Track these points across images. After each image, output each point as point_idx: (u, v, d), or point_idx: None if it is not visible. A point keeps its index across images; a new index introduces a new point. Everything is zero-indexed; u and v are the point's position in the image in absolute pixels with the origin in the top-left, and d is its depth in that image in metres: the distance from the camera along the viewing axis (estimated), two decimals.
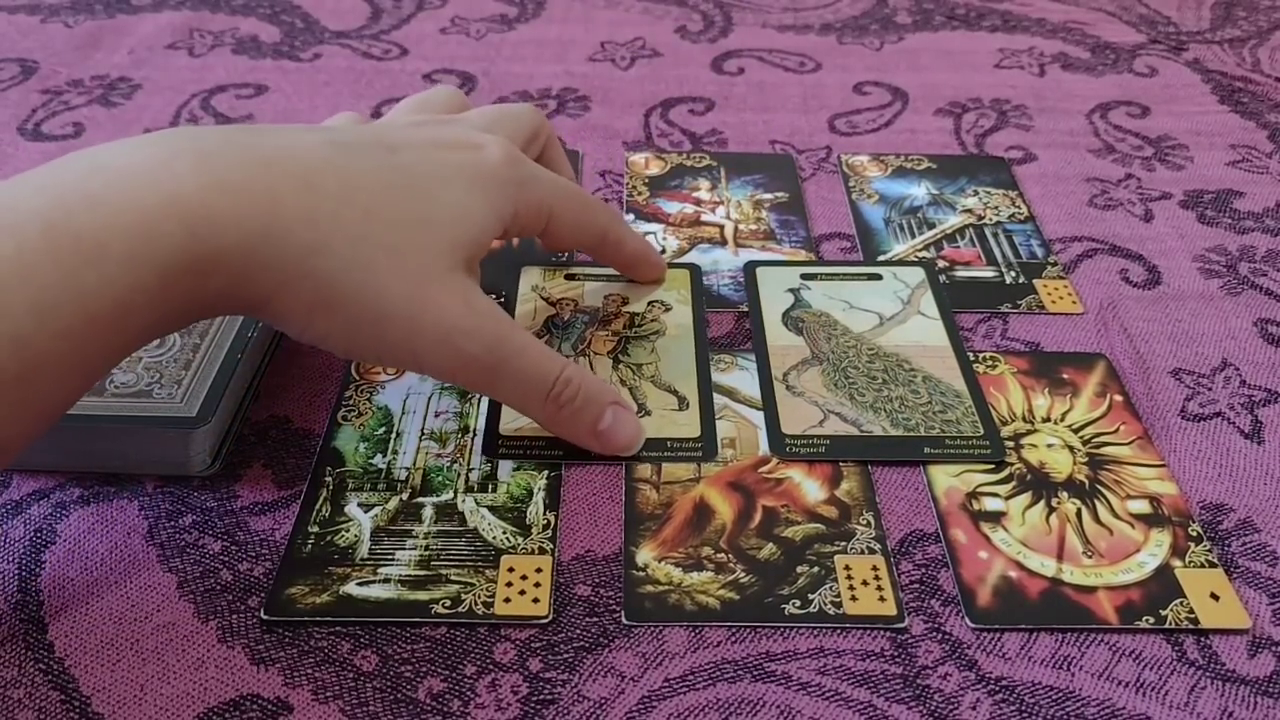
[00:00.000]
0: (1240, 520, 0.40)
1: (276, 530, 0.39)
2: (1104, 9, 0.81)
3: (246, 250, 0.32)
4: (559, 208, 0.42)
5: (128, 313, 0.31)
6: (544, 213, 0.41)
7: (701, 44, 0.75)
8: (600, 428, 0.40)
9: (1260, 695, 0.34)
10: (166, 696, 0.33)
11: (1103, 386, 0.45)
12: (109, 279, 0.30)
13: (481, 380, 0.38)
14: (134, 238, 0.30)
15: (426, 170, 0.37)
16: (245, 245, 0.32)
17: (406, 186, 0.36)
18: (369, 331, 0.35)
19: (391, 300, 0.34)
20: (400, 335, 0.35)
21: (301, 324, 0.35)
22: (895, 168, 0.60)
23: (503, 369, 0.37)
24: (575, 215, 0.43)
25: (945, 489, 0.40)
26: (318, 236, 0.33)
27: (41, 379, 0.29)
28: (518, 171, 0.40)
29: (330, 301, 0.34)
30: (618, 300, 0.49)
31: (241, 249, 0.32)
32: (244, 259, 0.32)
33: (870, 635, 0.35)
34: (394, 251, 0.35)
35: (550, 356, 0.39)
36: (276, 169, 0.33)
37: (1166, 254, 0.54)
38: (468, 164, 0.38)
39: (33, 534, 0.38)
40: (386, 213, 0.35)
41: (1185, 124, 0.65)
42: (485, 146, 0.39)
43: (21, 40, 0.74)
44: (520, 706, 0.33)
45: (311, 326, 0.35)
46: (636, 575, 0.37)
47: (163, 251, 0.31)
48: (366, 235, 0.34)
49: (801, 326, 0.48)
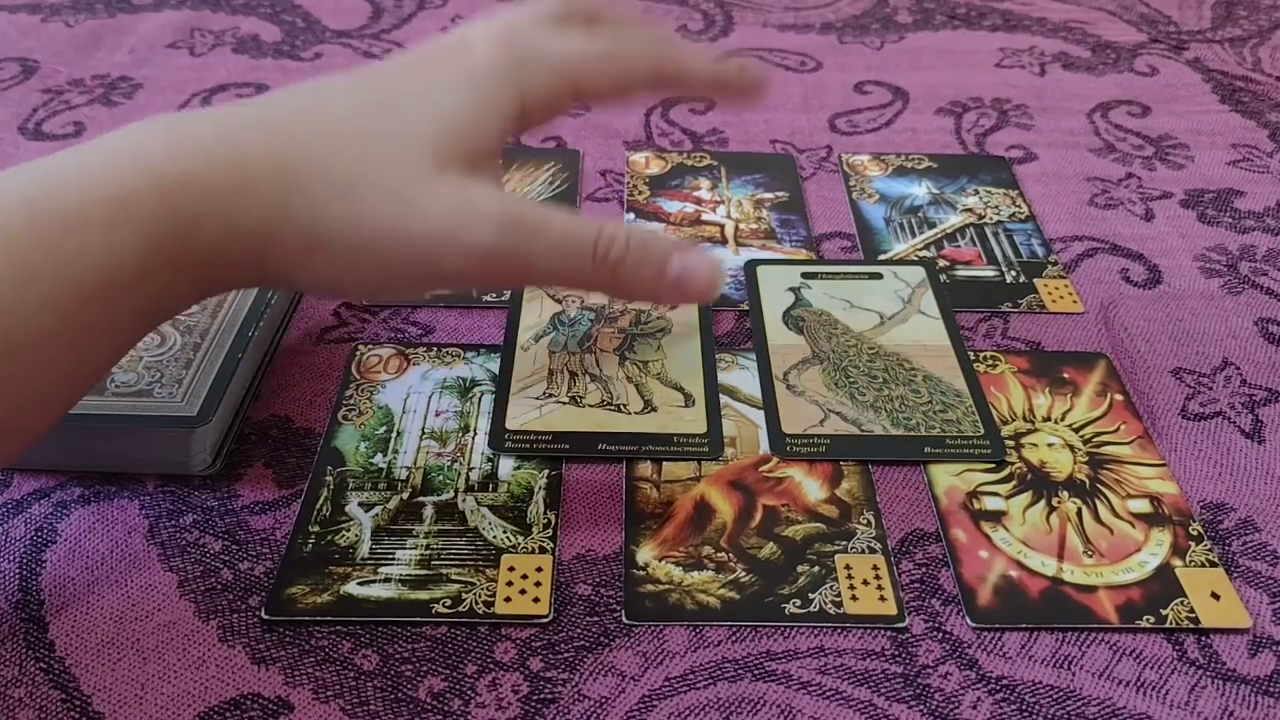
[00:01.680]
0: (1241, 520, 0.40)
1: (277, 530, 0.39)
2: (1105, 8, 0.81)
3: (221, 208, 0.32)
4: (580, 72, 0.38)
5: (112, 283, 0.30)
6: (565, 83, 0.37)
7: (702, 43, 0.75)
8: (671, 275, 0.35)
9: (1261, 695, 0.34)
10: (167, 696, 0.33)
11: (1103, 386, 0.45)
12: (88, 246, 0.30)
13: (511, 269, 0.35)
14: (110, 204, 0.30)
15: (404, 85, 0.36)
16: (219, 203, 0.32)
17: (380, 104, 0.35)
18: (370, 261, 0.34)
19: (378, 220, 0.33)
20: (400, 253, 0.34)
21: (305, 273, 0.34)
22: (896, 167, 0.60)
23: (528, 249, 0.34)
24: (606, 71, 0.38)
25: (946, 488, 0.40)
26: (289, 179, 0.33)
27: (29, 355, 0.29)
28: (512, 53, 0.36)
29: (319, 240, 0.33)
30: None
31: (216, 207, 0.32)
32: (220, 218, 0.32)
33: (871, 635, 0.35)
34: (371, 172, 0.33)
35: (582, 221, 0.35)
36: (245, 126, 0.33)
37: (1167, 253, 0.54)
38: (450, 67, 0.36)
39: (33, 533, 0.38)
40: (359, 138, 0.34)
41: (1186, 123, 0.65)
42: (472, 44, 0.37)
43: (22, 40, 0.74)
44: (521, 706, 0.33)
45: (314, 272, 0.34)
46: (637, 574, 0.37)
47: (140, 216, 0.31)
48: (339, 164, 0.33)
49: (802, 325, 0.48)
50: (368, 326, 0.48)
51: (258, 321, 0.44)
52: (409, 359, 0.46)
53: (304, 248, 0.33)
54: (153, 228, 0.31)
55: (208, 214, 0.32)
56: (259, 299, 0.45)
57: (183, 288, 0.33)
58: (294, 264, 0.34)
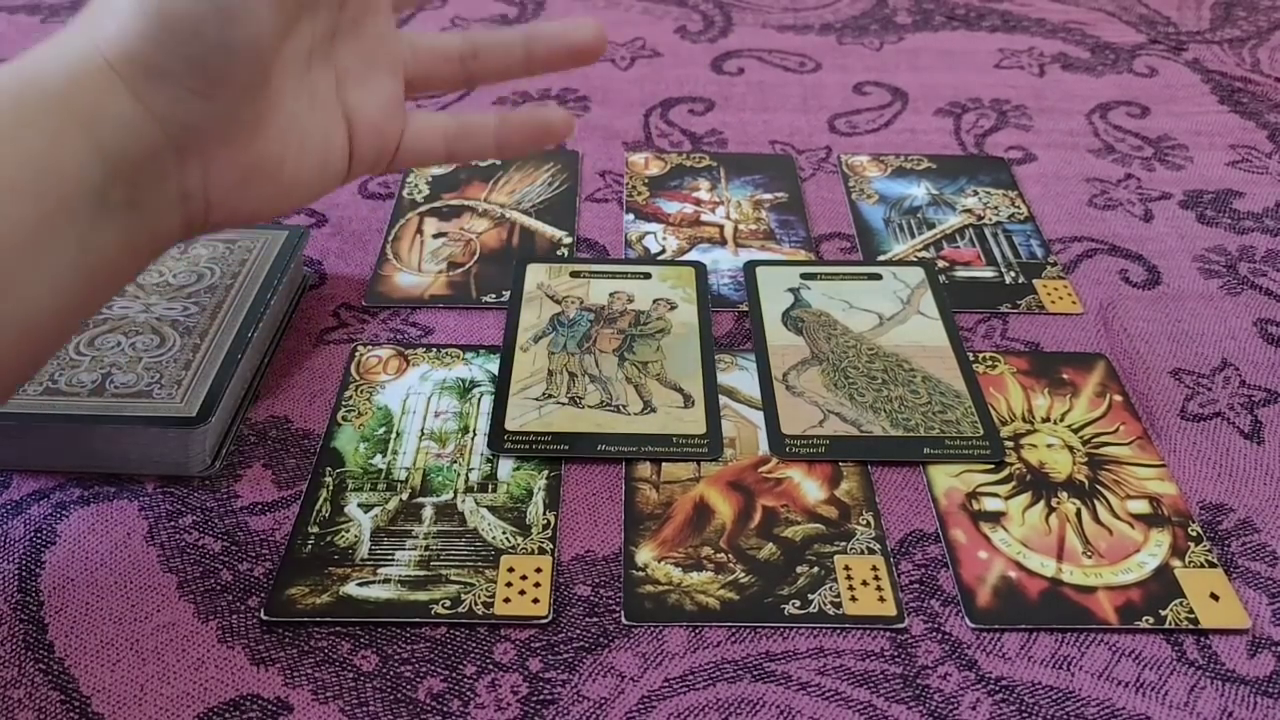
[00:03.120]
0: (1240, 520, 0.40)
1: (276, 530, 0.39)
2: (1104, 9, 0.81)
3: (81, 40, 0.31)
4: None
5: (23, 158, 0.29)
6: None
7: (701, 44, 0.75)
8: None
9: (1260, 695, 0.34)
10: (166, 696, 0.33)
11: (1102, 386, 0.45)
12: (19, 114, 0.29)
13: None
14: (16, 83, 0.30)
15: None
16: (80, 37, 0.31)
17: None
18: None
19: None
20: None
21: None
22: (895, 168, 0.60)
23: None
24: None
25: (945, 489, 0.40)
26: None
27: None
28: None
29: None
30: (623, 298, 0.49)
31: (76, 43, 0.31)
32: (76, 47, 0.31)
33: (870, 635, 0.35)
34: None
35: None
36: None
37: (1166, 254, 0.54)
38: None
39: (33, 534, 0.38)
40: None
41: (1185, 124, 0.65)
42: None
43: (21, 40, 0.74)
44: (520, 706, 0.33)
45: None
46: (636, 575, 0.37)
47: (20, 75, 0.30)
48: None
49: (801, 326, 0.48)
50: (367, 327, 0.48)
51: (257, 322, 0.44)
52: (408, 360, 0.46)
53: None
54: (1, 91, 0.30)
55: (44, 60, 0.31)
56: (259, 299, 0.45)
57: (69, 135, 0.31)
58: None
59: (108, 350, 0.42)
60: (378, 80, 0.37)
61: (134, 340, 0.42)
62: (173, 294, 0.45)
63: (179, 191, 0.33)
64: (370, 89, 0.37)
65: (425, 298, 0.50)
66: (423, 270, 0.51)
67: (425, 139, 0.39)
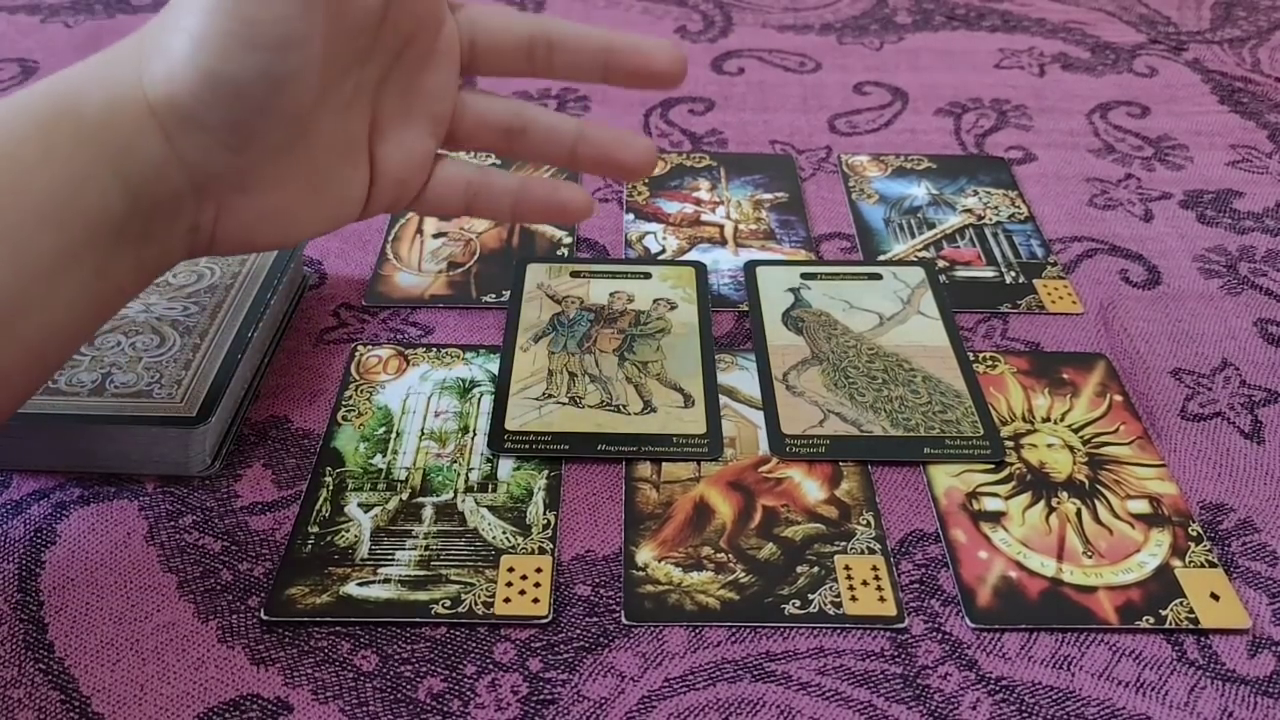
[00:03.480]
0: (1240, 520, 0.40)
1: (276, 530, 0.39)
2: (1104, 9, 0.81)
3: (98, 78, 0.31)
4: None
5: (20, 170, 0.30)
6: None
7: (701, 44, 0.75)
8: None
9: (1260, 695, 0.34)
10: (166, 696, 0.33)
11: (1103, 386, 0.45)
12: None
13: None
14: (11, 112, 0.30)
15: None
16: (94, 74, 0.32)
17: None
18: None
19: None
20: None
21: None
22: (895, 168, 0.60)
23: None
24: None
25: (945, 489, 0.40)
26: (144, 43, 0.32)
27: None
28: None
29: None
30: (623, 298, 0.49)
31: (92, 78, 0.31)
32: (99, 84, 0.31)
33: (870, 635, 0.35)
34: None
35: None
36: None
37: (1166, 254, 0.54)
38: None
39: (33, 534, 0.38)
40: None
41: (1185, 124, 0.65)
42: None
43: (21, 40, 0.74)
44: (520, 706, 0.33)
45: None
46: (636, 575, 0.37)
47: (29, 107, 0.31)
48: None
49: (801, 326, 0.48)
50: (367, 327, 0.48)
51: (257, 322, 0.44)
52: (408, 360, 0.46)
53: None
54: (41, 114, 0.31)
55: (88, 84, 0.31)
56: (259, 299, 0.45)
57: (98, 170, 0.31)
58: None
59: (108, 350, 0.42)
60: (414, 134, 0.37)
61: (134, 340, 0.42)
62: (173, 293, 0.45)
63: (190, 225, 0.34)
64: (403, 142, 0.37)
65: (425, 297, 0.50)
66: (423, 270, 0.51)
67: (445, 193, 0.39)
